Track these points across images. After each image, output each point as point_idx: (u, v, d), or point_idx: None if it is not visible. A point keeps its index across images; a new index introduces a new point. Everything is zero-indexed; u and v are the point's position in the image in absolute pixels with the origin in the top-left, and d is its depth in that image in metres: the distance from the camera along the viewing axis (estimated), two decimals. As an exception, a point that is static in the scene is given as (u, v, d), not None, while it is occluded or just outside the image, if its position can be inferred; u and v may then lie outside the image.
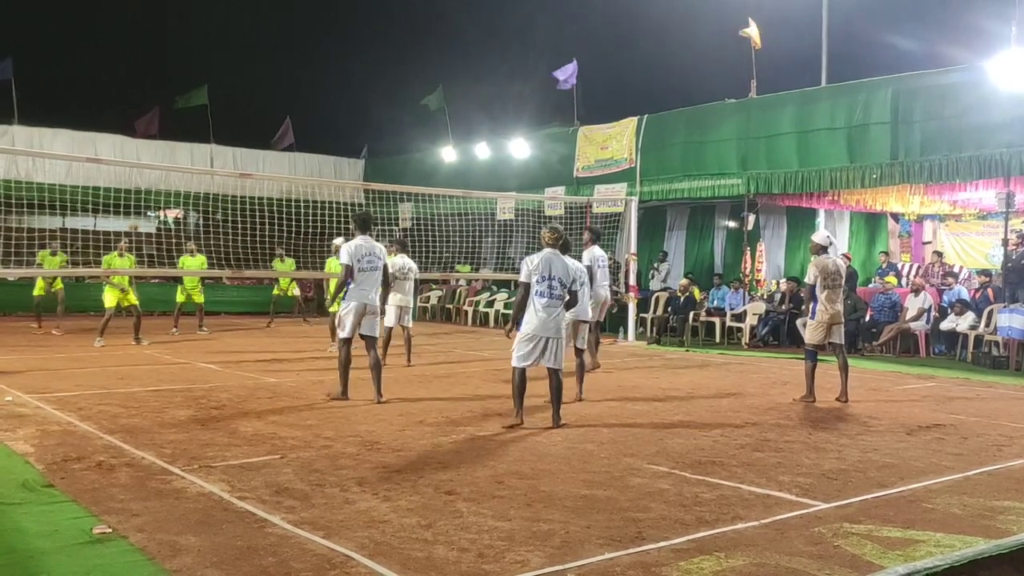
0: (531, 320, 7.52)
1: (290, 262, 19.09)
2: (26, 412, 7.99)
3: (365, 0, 38.70)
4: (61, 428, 7.26)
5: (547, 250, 7.67)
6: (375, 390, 8.86)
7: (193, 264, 16.20)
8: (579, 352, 9.38)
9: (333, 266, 14.13)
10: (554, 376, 7.65)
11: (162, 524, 4.67)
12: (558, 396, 7.69)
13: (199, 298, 16.80)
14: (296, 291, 19.62)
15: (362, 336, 8.93)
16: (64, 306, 16.76)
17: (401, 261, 12.14)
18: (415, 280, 12.58)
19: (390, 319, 11.89)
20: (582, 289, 8.26)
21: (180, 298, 16.77)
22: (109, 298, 14.44)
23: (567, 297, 7.59)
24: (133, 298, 14.74)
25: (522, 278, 7.61)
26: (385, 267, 9.06)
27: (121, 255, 14.50)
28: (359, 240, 8.97)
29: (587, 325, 9.55)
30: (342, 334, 8.96)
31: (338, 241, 13.54)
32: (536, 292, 7.50)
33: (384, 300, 9.30)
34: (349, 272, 8.79)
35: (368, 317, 8.87)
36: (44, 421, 7.56)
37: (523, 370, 7.59)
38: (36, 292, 16.33)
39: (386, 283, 9.17)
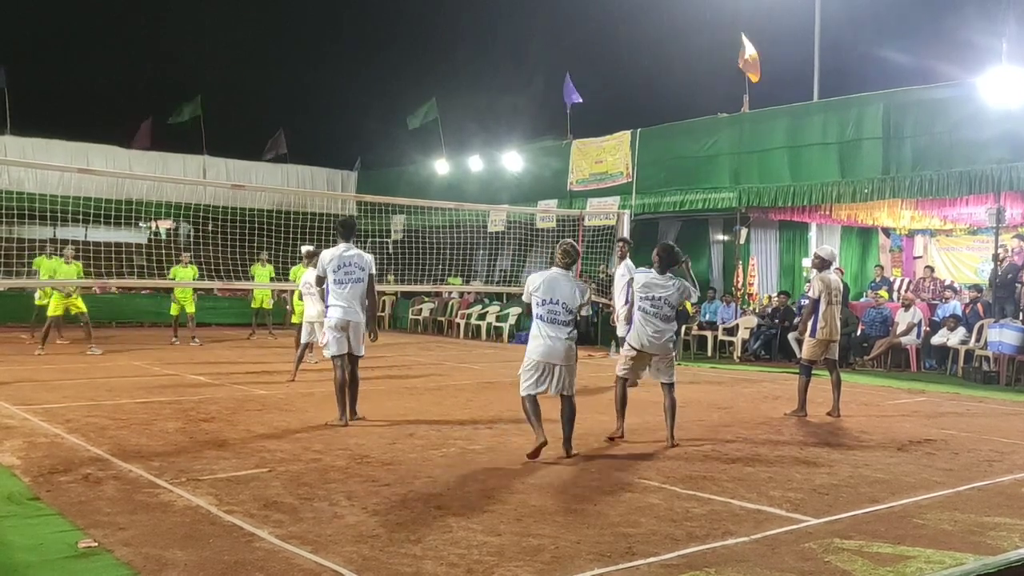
0: (535, 346, 6.82)
1: (270, 268, 18.00)
2: (13, 424, 7.92)
3: (360, 13, 38.80)
4: (48, 440, 7.20)
5: (554, 270, 6.93)
6: (349, 409, 8.17)
7: (185, 275, 16.07)
8: (667, 389, 7.79)
9: (296, 274, 14.23)
10: (567, 403, 6.92)
11: (148, 538, 4.63)
12: (570, 423, 6.92)
13: (191, 308, 16.73)
14: (269, 303, 18.57)
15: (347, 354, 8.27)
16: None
17: (313, 274, 11.67)
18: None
19: (304, 335, 11.58)
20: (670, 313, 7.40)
21: (175, 311, 16.68)
22: (53, 305, 14.29)
23: (573, 321, 6.85)
24: (81, 305, 14.57)
25: (524, 298, 7.07)
26: (371, 277, 8.29)
27: (68, 262, 14.46)
28: (340, 248, 8.22)
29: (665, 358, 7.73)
30: (327, 352, 8.31)
31: (306, 249, 13.37)
32: (537, 315, 6.85)
33: (372, 312, 8.45)
34: (321, 283, 8.25)
35: (351, 333, 8.16)
36: (31, 433, 7.50)
37: (533, 396, 6.86)
38: (52, 312, 14.53)
39: (372, 294, 8.37)
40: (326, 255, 8.26)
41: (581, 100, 20.90)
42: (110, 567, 4.21)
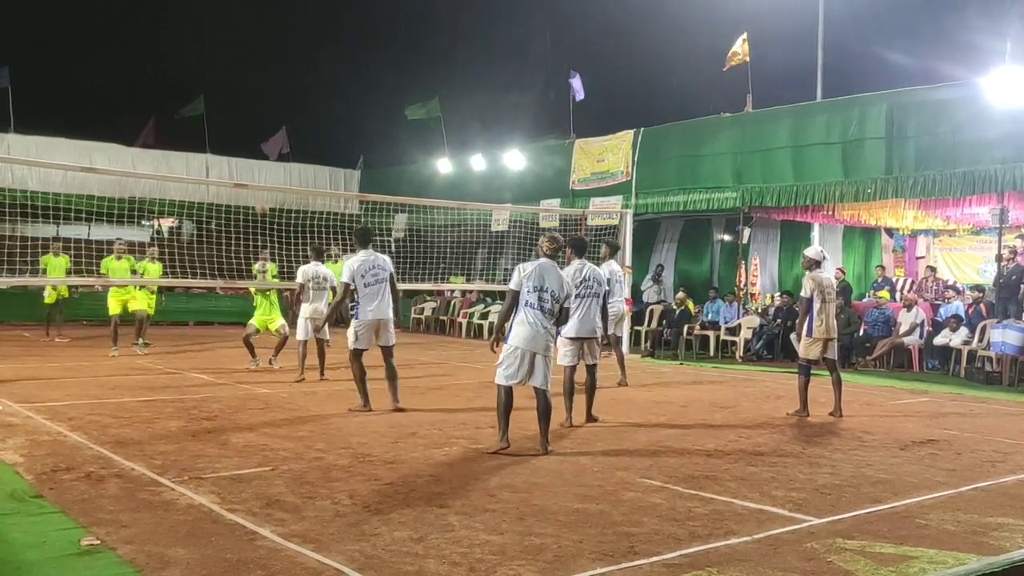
0: (519, 333, 6.92)
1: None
2: (16, 422, 7.93)
3: (360, 13, 38.77)
4: (51, 438, 7.21)
5: (543, 259, 7.18)
6: (392, 397, 8.98)
7: (119, 267, 14.74)
8: (591, 369, 8.63)
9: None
10: (542, 397, 7.04)
11: (151, 536, 4.63)
12: (546, 419, 7.07)
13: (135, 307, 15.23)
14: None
15: (380, 346, 9.05)
16: (63, 315, 16.42)
17: (315, 270, 11.58)
18: (330, 289, 11.74)
19: (301, 333, 11.50)
20: (591, 301, 8.23)
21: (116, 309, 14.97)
22: (113, 304, 14.21)
23: (558, 313, 7.10)
24: (142, 303, 14.40)
25: (512, 285, 7.06)
26: (391, 276, 9.02)
27: (152, 262, 14.54)
28: (361, 256, 8.94)
29: (595, 341, 8.55)
30: (353, 346, 8.97)
31: (263, 257, 13.25)
32: (526, 303, 6.96)
33: (396, 305, 9.21)
34: (347, 290, 8.87)
35: (380, 328, 8.94)
36: (34, 431, 7.51)
37: (509, 388, 7.01)
38: (48, 301, 15.18)
39: (395, 292, 9.11)
40: (352, 263, 8.93)
41: (582, 97, 20.89)
42: (112, 565, 4.21)
